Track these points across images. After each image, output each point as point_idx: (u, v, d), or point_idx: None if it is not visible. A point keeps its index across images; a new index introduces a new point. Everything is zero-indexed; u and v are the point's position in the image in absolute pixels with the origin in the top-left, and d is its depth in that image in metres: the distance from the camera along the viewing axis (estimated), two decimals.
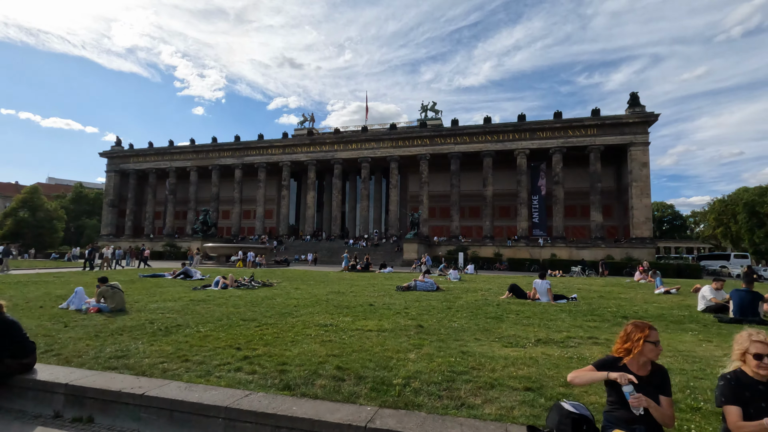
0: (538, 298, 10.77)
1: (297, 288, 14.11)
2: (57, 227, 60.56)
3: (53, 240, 59.66)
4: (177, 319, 7.58)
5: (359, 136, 53.45)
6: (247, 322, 7.27)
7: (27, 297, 11.04)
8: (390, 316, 8.08)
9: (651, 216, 44.59)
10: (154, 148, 60.97)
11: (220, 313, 8.40)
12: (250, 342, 5.59)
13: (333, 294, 12.22)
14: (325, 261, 45.05)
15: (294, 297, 11.37)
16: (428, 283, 13.34)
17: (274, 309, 9.01)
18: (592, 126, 45.13)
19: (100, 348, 5.30)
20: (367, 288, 14.27)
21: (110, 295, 8.90)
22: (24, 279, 16.01)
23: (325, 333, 6.24)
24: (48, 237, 58.69)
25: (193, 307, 9.31)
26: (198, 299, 10.81)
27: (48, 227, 59.73)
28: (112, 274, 19.10)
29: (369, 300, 10.72)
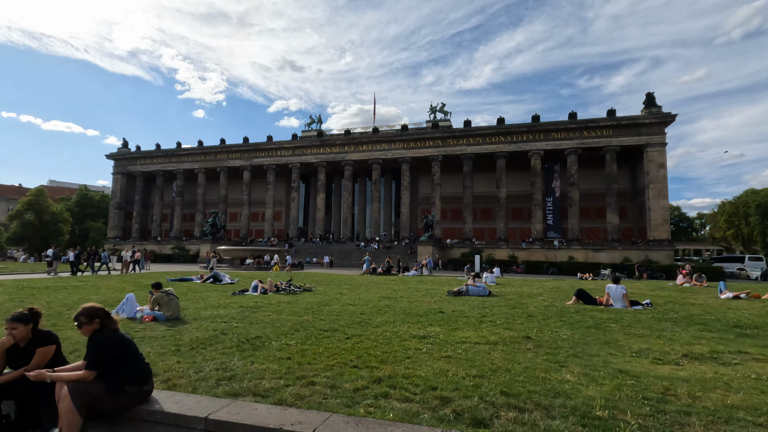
0: (611, 303, 10.14)
1: (340, 293, 13.47)
2: (63, 230, 59.87)
3: (59, 243, 58.82)
4: (249, 330, 6.94)
5: (370, 138, 52.87)
6: (330, 333, 6.62)
7: (64, 303, 10.38)
8: (476, 324, 7.45)
9: (669, 217, 44.06)
10: (162, 150, 60.33)
11: (288, 322, 7.74)
12: (360, 358, 4.94)
13: (386, 299, 11.58)
14: (338, 264, 44.37)
15: (348, 303, 10.73)
16: (480, 287, 12.71)
17: (343, 317, 8.36)
18: (607, 127, 44.60)
19: (197, 366, 4.66)
20: (414, 293, 13.63)
21: (166, 303, 8.25)
22: (52, 284, 15.30)
23: (432, 347, 5.60)
24: (53, 239, 57.79)
25: (251, 315, 8.66)
26: (247, 305, 10.16)
27: (54, 230, 59.00)
28: (134, 278, 18.42)
29: (431, 306, 10.08)
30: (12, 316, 3.64)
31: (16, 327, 3.58)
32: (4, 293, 12.07)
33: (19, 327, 3.59)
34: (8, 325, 3.59)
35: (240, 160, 57.15)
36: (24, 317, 3.64)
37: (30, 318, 3.68)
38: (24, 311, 3.71)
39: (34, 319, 3.71)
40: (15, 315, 3.64)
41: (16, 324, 3.59)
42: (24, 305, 10.34)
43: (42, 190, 58.99)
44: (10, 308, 9.42)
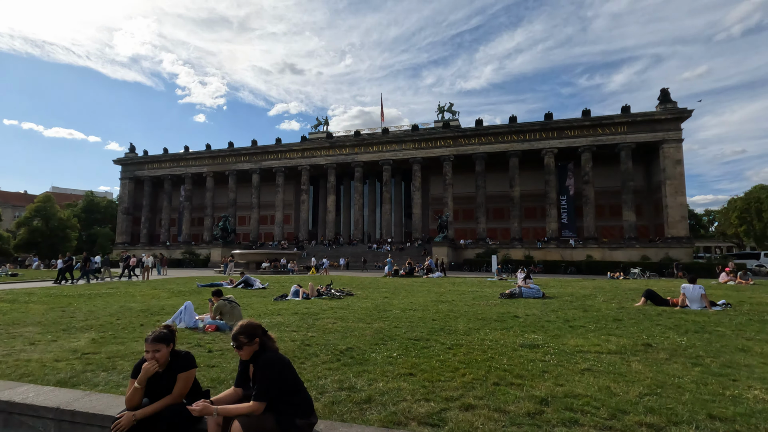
0: (687, 305, 9.62)
1: (386, 297, 12.98)
2: (70, 236, 59.39)
3: (67, 249, 58.30)
4: (329, 340, 6.45)
5: (380, 138, 52.39)
6: (424, 342, 6.12)
7: (108, 312, 9.86)
8: (573, 330, 6.96)
9: (686, 214, 43.52)
10: (169, 154, 59.91)
11: (362, 330, 7.24)
12: (491, 373, 4.44)
13: (439, 303, 11.09)
14: (352, 266, 43.83)
15: (405, 308, 10.21)
16: (534, 289, 12.19)
17: (417, 324, 7.85)
18: (622, 123, 44.10)
19: (316, 386, 4.16)
20: (460, 296, 13.13)
21: (228, 311, 7.75)
22: (82, 291, 14.76)
23: (554, 357, 5.09)
24: (62, 246, 57.35)
25: (316, 323, 8.15)
26: (302, 312, 9.66)
27: (61, 236, 58.53)
28: (160, 284, 17.91)
29: (497, 310, 9.57)
30: (154, 335, 3.13)
31: (159, 348, 3.07)
32: (40, 302, 11.57)
33: (162, 348, 3.08)
34: (150, 346, 3.08)
35: (249, 163, 56.68)
36: (166, 337, 3.13)
37: (170, 337, 3.17)
38: (162, 329, 3.20)
39: (173, 338, 3.21)
40: (157, 334, 3.13)
41: (159, 345, 3.08)
42: (67, 314, 9.87)
43: (49, 196, 58.55)
44: (54, 319, 8.92)
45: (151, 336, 3.11)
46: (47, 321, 8.66)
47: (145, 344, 3.13)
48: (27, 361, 5.50)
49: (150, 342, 3.08)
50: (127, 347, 6.27)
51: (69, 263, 21.91)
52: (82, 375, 4.79)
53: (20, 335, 7.27)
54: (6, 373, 4.91)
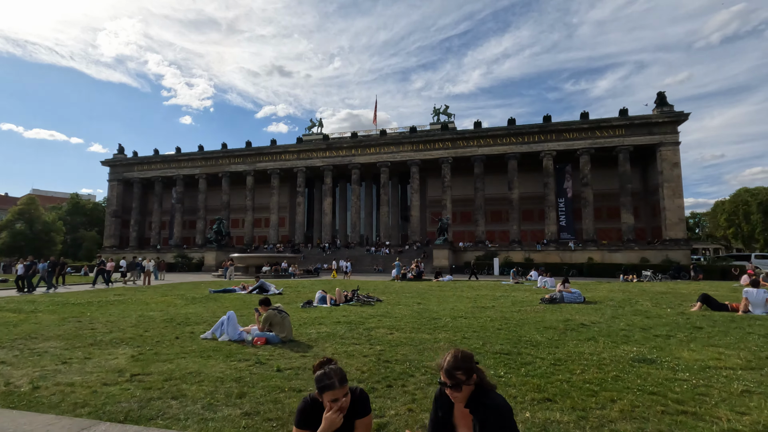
0: (749, 309, 9.21)
1: (418, 303, 12.35)
2: (55, 239, 57.25)
3: (51, 253, 56.14)
4: (410, 356, 5.82)
5: (377, 140, 51.78)
6: (514, 357, 5.51)
7: (129, 323, 8.97)
8: (659, 340, 6.42)
9: (684, 216, 43.90)
10: (160, 156, 58.27)
11: (427, 342, 6.57)
12: (641, 396, 3.85)
13: (484, 309, 10.49)
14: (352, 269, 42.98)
15: (451, 315, 9.59)
16: (575, 294, 11.71)
17: (479, 333, 7.26)
18: (620, 126, 44.36)
19: None
20: (496, 300, 12.58)
21: (279, 322, 7.02)
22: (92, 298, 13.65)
23: (688, 375, 4.53)
24: (46, 250, 55.23)
25: (368, 333, 7.53)
26: (346, 321, 8.97)
27: (46, 240, 56.38)
28: (168, 289, 16.93)
29: (551, 317, 9.02)
30: (340, 376, 2.38)
31: (347, 392, 2.34)
32: (51, 311, 10.61)
33: (348, 391, 2.35)
34: (340, 391, 2.34)
35: (243, 164, 55.44)
36: (345, 375, 2.41)
37: (345, 375, 2.44)
38: (334, 365, 2.46)
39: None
40: (340, 374, 2.39)
41: (346, 387, 2.35)
42: (86, 326, 8.92)
43: (33, 199, 56.38)
44: (73, 331, 8.03)
45: (337, 377, 2.36)
46: (68, 334, 7.79)
47: (328, 392, 2.36)
48: (70, 386, 4.72)
49: (339, 386, 2.34)
50: (179, 366, 5.51)
51: (29, 268, 18.69)
52: (150, 404, 4.04)
53: (45, 351, 6.42)
54: (54, 403, 4.12)
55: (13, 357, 6.11)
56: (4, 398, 4.25)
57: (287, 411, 3.75)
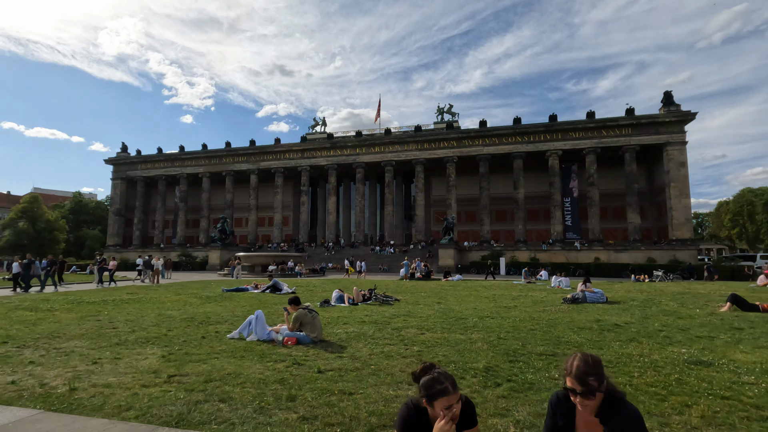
0: None
1: (438, 302, 12.17)
2: (58, 238, 57.10)
3: (55, 251, 56.06)
4: (452, 357, 5.65)
5: (382, 139, 51.60)
6: (561, 359, 5.30)
7: (149, 322, 8.79)
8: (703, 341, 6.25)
9: (691, 216, 43.73)
10: (164, 154, 58.10)
11: (474, 343, 6.40)
12: (714, 401, 3.67)
13: (508, 309, 10.32)
14: None
15: (477, 315, 9.43)
16: (598, 293, 11.54)
17: (515, 334, 7.08)
18: (626, 125, 44.18)
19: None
20: (515, 300, 12.41)
21: (310, 322, 6.84)
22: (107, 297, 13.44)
23: (754, 379, 4.34)
24: (49, 248, 55.11)
25: (402, 334, 7.34)
26: (368, 320, 8.81)
27: (49, 238, 56.24)
28: (181, 288, 16.76)
29: (586, 317, 8.84)
30: (450, 380, 2.16)
31: (459, 397, 2.15)
32: (68, 310, 10.43)
33: (459, 397, 2.15)
34: (454, 396, 2.11)
35: (247, 163, 55.26)
36: (455, 380, 2.21)
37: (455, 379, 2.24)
38: (440, 369, 2.26)
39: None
40: (451, 378, 2.18)
41: (458, 393, 2.15)
42: (106, 324, 8.71)
43: (36, 197, 56.21)
44: (95, 330, 7.86)
45: (449, 381, 2.15)
46: (90, 333, 7.62)
47: (439, 397, 2.13)
48: (107, 387, 4.54)
49: (453, 391, 2.13)
50: (214, 367, 5.34)
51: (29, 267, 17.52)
52: (199, 407, 3.87)
53: (72, 351, 6.25)
54: (95, 405, 3.95)
55: (40, 357, 5.94)
56: (44, 400, 4.08)
57: (347, 415, 3.58)
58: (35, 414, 3.38)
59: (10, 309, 10.29)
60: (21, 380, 4.81)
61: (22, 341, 6.91)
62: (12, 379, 4.83)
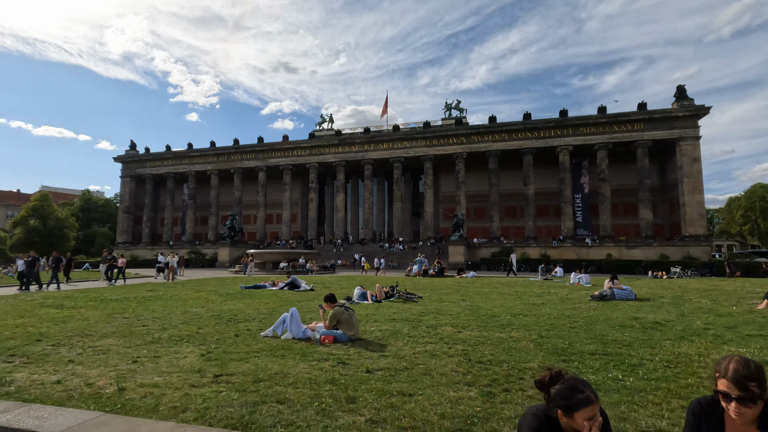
0: None
1: (462, 299, 12.00)
2: (69, 236, 57.41)
3: (65, 249, 56.42)
4: (501, 356, 5.46)
5: (391, 136, 51.41)
6: (618, 359, 5.14)
7: (178, 320, 8.69)
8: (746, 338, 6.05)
9: (705, 212, 43.23)
10: (172, 152, 58.22)
11: (518, 342, 6.23)
12: None
13: (537, 307, 10.14)
14: None
15: (508, 312, 9.25)
16: (627, 291, 11.33)
17: (555, 332, 6.91)
18: (638, 120, 43.68)
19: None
20: (540, 297, 12.21)
21: (346, 319, 6.70)
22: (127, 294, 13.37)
23: None
24: (60, 246, 55.39)
25: (438, 332, 7.17)
26: (397, 318, 8.65)
27: (59, 235, 56.53)
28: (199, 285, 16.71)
29: (622, 315, 8.64)
30: (590, 387, 1.96)
31: (600, 408, 1.95)
32: (92, 307, 10.37)
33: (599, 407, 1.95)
34: (592, 410, 1.89)
35: (255, 160, 55.25)
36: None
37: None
38: (570, 374, 2.08)
39: None
40: (590, 385, 1.97)
41: (599, 400, 1.95)
42: (134, 322, 8.56)
43: (46, 195, 56.52)
44: (125, 327, 7.77)
45: (589, 388, 1.94)
46: (121, 331, 7.52)
47: (576, 407, 1.89)
48: (155, 387, 4.42)
49: (597, 400, 1.92)
50: (258, 366, 5.22)
51: (33, 264, 17.21)
52: (258, 409, 3.74)
53: (108, 350, 6.15)
54: (149, 406, 3.83)
55: (77, 355, 5.84)
56: (95, 401, 3.96)
57: (417, 418, 3.43)
58: (97, 416, 3.26)
59: (36, 306, 10.24)
60: (65, 380, 4.71)
61: (56, 339, 6.83)
62: (56, 379, 4.73)
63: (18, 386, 4.49)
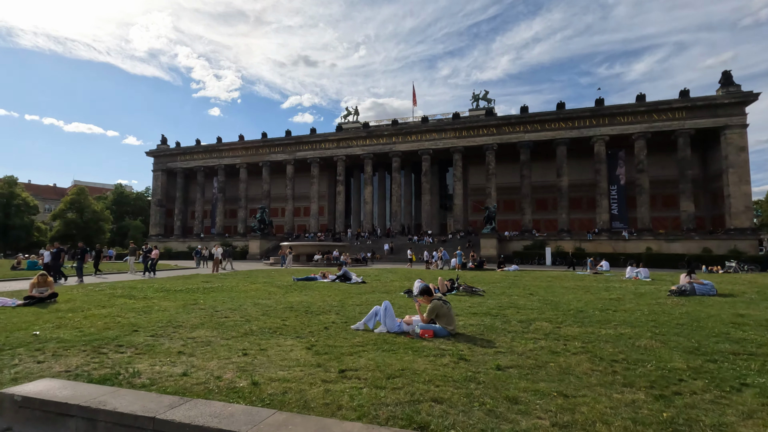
0: None
1: (530, 293, 11.61)
2: (104, 228, 59.21)
3: (101, 241, 58.28)
4: (629, 354, 5.08)
5: (419, 127, 50.81)
6: (760, 360, 4.72)
7: (257, 311, 8.60)
8: None
9: (751, 204, 41.36)
10: (202, 146, 59.07)
11: (636, 339, 5.85)
12: None
13: (612, 302, 9.68)
14: (394, 258, 42.61)
15: (594, 307, 8.84)
16: (708, 286, 10.77)
17: (665, 329, 6.47)
18: (680, 108, 41.88)
19: None
20: (609, 291, 11.71)
21: (445, 313, 6.45)
22: (190, 285, 13.43)
23: None
24: (96, 238, 57.29)
25: (526, 326, 6.81)
26: (480, 312, 8.35)
27: (95, 228, 58.38)
28: (251, 277, 16.79)
29: (725, 311, 8.13)
30: None
31: None
32: (161, 298, 10.44)
33: None
34: None
35: (283, 153, 55.56)
36: None
37: None
38: None
39: None
40: None
41: None
42: (214, 313, 8.43)
43: (83, 189, 58.33)
44: (209, 318, 7.71)
45: None
46: (207, 322, 7.46)
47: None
48: (286, 382, 4.26)
49: None
50: (375, 361, 5.02)
51: (58, 256, 16.73)
52: (419, 408, 3.53)
53: (209, 342, 6.06)
54: (295, 401, 3.65)
55: (182, 347, 5.76)
56: (238, 395, 3.81)
57: (613, 426, 3.13)
58: (272, 414, 3.08)
59: (111, 297, 10.37)
60: (191, 372, 4.60)
61: (151, 330, 6.80)
62: (182, 371, 4.63)
63: (148, 378, 4.40)
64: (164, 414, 3.00)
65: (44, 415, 3.30)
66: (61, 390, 3.53)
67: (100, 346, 5.70)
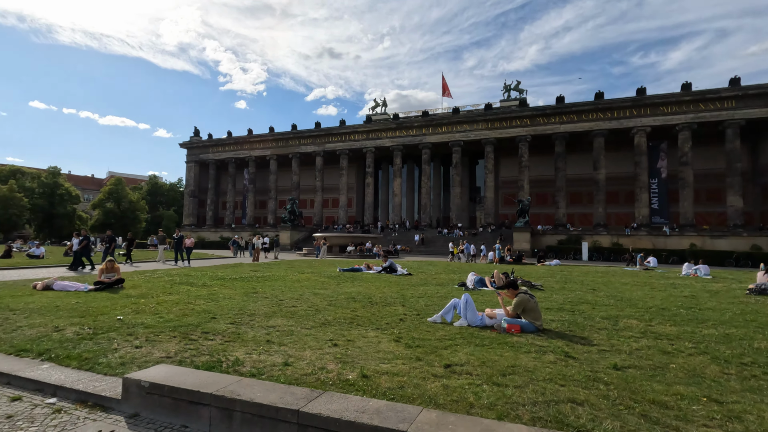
0: None
1: (592, 289, 11.14)
2: (140, 217, 61.08)
3: (137, 230, 60.21)
4: (724, 352, 4.66)
5: (450, 119, 49.97)
6: None
7: (322, 302, 8.50)
8: None
9: None
10: (233, 138, 59.96)
11: (753, 343, 5.40)
12: None
13: (686, 298, 9.15)
14: (425, 251, 42.31)
15: (667, 305, 8.35)
16: None
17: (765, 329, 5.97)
18: (729, 98, 39.65)
19: None
20: (677, 289, 11.11)
21: (532, 308, 6.15)
22: (244, 273, 13.56)
23: None
24: (132, 227, 59.20)
25: (612, 324, 6.41)
26: (552, 307, 7.96)
27: (131, 217, 60.29)
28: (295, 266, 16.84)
29: None
30: None
31: None
32: (219, 285, 10.52)
33: None
34: None
35: (312, 145, 55.78)
36: None
37: None
38: None
39: None
40: None
41: None
42: (274, 301, 8.44)
43: (120, 180, 60.29)
44: (275, 307, 7.64)
45: None
46: (278, 311, 7.39)
47: None
48: (396, 376, 4.08)
49: None
50: (477, 357, 4.77)
51: (86, 244, 16.46)
52: (560, 409, 3.26)
53: (291, 331, 5.95)
54: (419, 396, 3.45)
55: (266, 335, 5.67)
56: (355, 389, 3.65)
57: None
58: (422, 411, 2.89)
59: (173, 284, 10.51)
60: (291, 362, 4.48)
61: (228, 318, 6.78)
62: (282, 361, 4.51)
63: (252, 366, 4.29)
64: (307, 407, 2.84)
65: (174, 402, 3.21)
66: (184, 377, 3.44)
67: (187, 332, 5.67)
